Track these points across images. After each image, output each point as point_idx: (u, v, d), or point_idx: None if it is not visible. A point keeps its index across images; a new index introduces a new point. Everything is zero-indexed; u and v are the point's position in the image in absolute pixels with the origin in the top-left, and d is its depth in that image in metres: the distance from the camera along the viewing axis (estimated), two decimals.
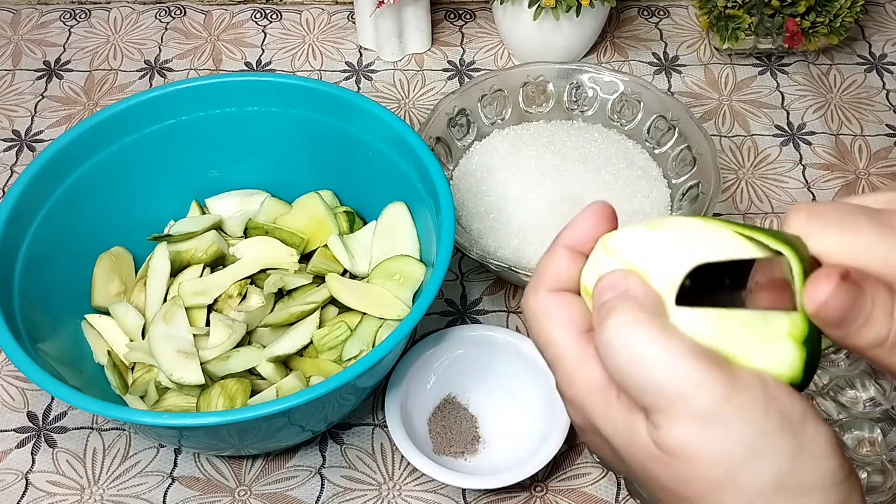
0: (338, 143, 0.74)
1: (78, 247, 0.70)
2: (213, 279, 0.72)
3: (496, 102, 0.85)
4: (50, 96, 0.95)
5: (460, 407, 0.69)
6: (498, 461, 0.66)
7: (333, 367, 0.68)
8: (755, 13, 0.91)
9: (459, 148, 0.83)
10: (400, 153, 0.70)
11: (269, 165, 0.77)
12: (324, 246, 0.74)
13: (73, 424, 0.71)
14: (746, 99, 0.94)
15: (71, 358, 0.67)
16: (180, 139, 0.74)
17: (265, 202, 0.77)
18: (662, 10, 1.03)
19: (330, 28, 1.01)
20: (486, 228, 0.77)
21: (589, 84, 0.85)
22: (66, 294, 0.69)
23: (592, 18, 0.91)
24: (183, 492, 0.67)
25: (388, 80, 0.96)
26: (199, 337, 0.68)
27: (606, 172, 0.80)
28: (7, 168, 0.88)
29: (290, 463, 0.69)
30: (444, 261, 0.62)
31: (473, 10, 1.03)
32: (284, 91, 0.73)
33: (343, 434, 0.70)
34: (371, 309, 0.69)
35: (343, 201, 0.78)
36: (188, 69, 0.97)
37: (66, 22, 1.03)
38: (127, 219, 0.74)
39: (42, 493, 0.67)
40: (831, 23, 0.90)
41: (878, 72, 0.97)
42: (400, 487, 0.67)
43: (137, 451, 0.69)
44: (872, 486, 0.65)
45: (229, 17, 1.03)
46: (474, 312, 0.77)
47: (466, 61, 0.98)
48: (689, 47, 0.99)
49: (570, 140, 0.83)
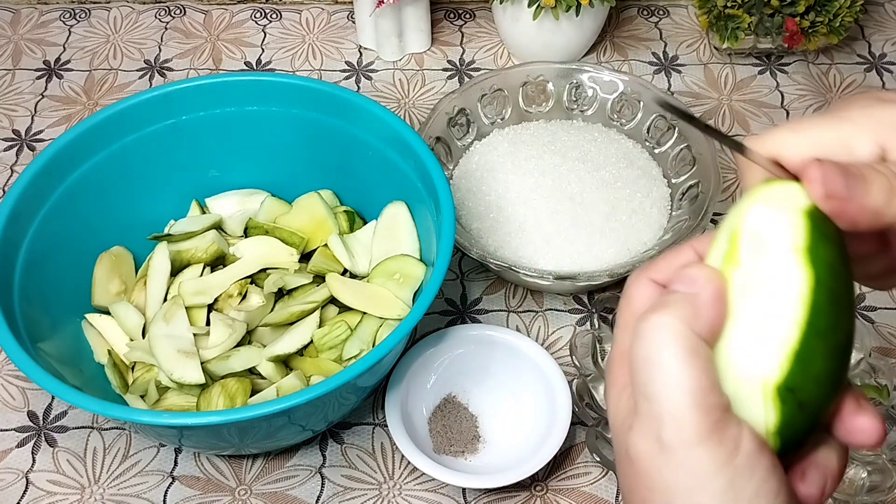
0: (338, 143, 0.74)
1: (78, 246, 0.70)
2: (213, 279, 0.72)
3: (496, 102, 0.85)
4: (50, 96, 0.95)
5: (460, 406, 0.69)
6: (498, 460, 0.66)
7: (333, 366, 0.68)
8: (755, 13, 0.91)
9: (459, 147, 0.83)
10: (400, 153, 0.70)
11: (269, 165, 0.77)
12: (324, 245, 0.74)
13: (73, 424, 0.71)
14: (746, 98, 0.94)
15: (71, 357, 0.67)
16: (180, 139, 0.74)
17: (265, 202, 0.77)
18: (662, 9, 1.04)
19: (330, 28, 1.01)
20: (486, 228, 0.77)
21: (589, 84, 0.85)
22: (67, 293, 0.69)
23: (592, 18, 0.91)
24: (183, 491, 0.67)
25: (387, 79, 0.96)
26: (199, 336, 0.68)
27: (606, 172, 0.80)
28: (7, 168, 0.88)
29: (290, 462, 0.69)
30: (444, 260, 0.62)
31: (473, 10, 1.03)
32: (284, 91, 0.73)
33: (343, 433, 0.70)
34: (371, 308, 0.69)
35: (343, 201, 0.78)
36: (188, 69, 0.97)
37: (65, 21, 1.03)
38: (127, 218, 0.74)
39: (42, 492, 0.67)
40: (831, 22, 0.90)
41: (877, 71, 0.97)
42: (400, 487, 0.67)
43: (138, 451, 0.69)
44: (872, 486, 0.65)
45: (229, 17, 1.03)
46: (474, 312, 0.77)
47: (466, 61, 0.98)
48: (688, 47, 0.99)
49: (569, 140, 0.83)
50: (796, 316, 0.32)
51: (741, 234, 0.34)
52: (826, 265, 0.32)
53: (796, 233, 0.33)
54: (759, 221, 0.34)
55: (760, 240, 0.33)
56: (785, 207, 0.33)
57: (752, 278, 0.33)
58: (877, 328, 0.75)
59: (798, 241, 0.33)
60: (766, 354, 0.33)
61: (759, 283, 0.33)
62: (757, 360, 0.33)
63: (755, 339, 0.33)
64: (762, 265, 0.33)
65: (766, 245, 0.33)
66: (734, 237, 0.34)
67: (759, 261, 0.33)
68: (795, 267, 0.32)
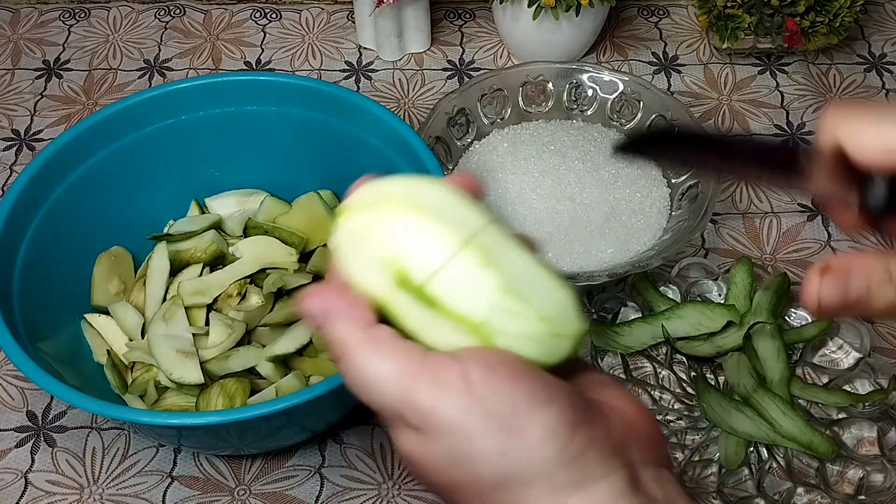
0: (338, 143, 0.74)
1: (77, 246, 0.70)
2: (212, 278, 0.72)
3: (496, 102, 0.85)
4: (49, 95, 0.95)
5: None
6: None
7: (333, 366, 0.68)
8: (755, 13, 0.91)
9: (459, 147, 0.83)
10: (400, 153, 0.70)
11: (268, 165, 0.77)
12: (323, 245, 0.74)
13: (72, 424, 0.71)
14: (746, 98, 0.94)
15: (70, 357, 0.67)
16: (180, 139, 0.74)
17: (265, 201, 0.77)
18: (662, 9, 1.03)
19: (329, 27, 1.01)
20: None
21: (588, 83, 0.85)
22: (66, 293, 0.69)
23: (592, 18, 0.91)
24: (182, 491, 0.67)
25: (387, 79, 0.96)
26: (198, 336, 0.68)
27: (606, 172, 0.80)
28: (6, 167, 0.88)
29: (289, 462, 0.69)
30: None
31: (473, 10, 1.03)
32: (284, 90, 0.73)
33: (342, 433, 0.70)
34: None
35: (343, 201, 0.78)
36: (188, 68, 0.97)
37: (65, 21, 1.03)
38: (126, 218, 0.74)
39: (41, 492, 0.67)
40: (831, 22, 0.90)
41: (877, 71, 0.97)
42: (399, 487, 0.67)
43: (137, 451, 0.69)
44: (872, 486, 0.65)
45: (229, 17, 1.02)
46: None
47: (466, 61, 0.98)
48: (688, 47, 0.99)
49: (569, 139, 0.83)
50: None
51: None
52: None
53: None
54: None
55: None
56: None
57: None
58: (876, 328, 0.75)
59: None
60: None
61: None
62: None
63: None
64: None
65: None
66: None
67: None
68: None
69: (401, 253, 0.36)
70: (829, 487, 0.64)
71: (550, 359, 0.36)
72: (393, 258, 0.36)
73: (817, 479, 0.65)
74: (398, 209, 0.36)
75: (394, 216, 0.36)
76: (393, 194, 0.37)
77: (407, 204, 0.36)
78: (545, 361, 0.36)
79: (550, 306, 0.36)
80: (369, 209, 0.37)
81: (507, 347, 0.35)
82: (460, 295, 0.35)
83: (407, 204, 0.36)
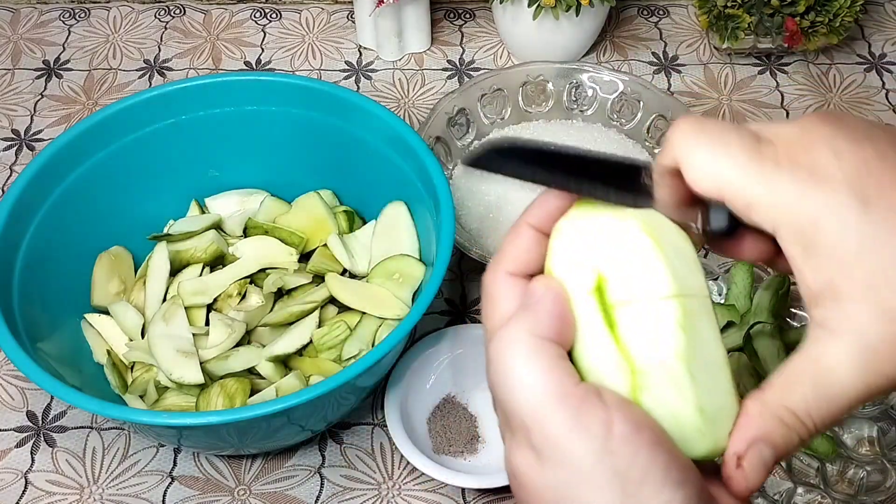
0: (338, 143, 0.74)
1: (77, 246, 0.70)
2: (212, 278, 0.72)
3: (496, 102, 0.85)
4: (49, 95, 0.95)
5: (460, 406, 0.69)
6: (497, 460, 0.66)
7: (333, 366, 0.68)
8: (755, 12, 0.90)
9: (459, 147, 0.83)
10: (400, 153, 0.70)
11: (268, 165, 0.77)
12: (323, 245, 0.74)
13: (72, 424, 0.71)
14: (746, 98, 0.94)
15: (70, 357, 0.67)
16: (180, 139, 0.74)
17: (265, 201, 0.77)
18: (662, 9, 1.03)
19: (329, 27, 1.01)
20: (485, 228, 0.77)
21: (588, 83, 0.85)
22: (66, 293, 0.69)
23: (592, 18, 0.91)
24: (182, 491, 0.67)
25: (387, 79, 0.96)
26: (198, 336, 0.68)
27: None
28: (6, 167, 0.88)
29: (289, 462, 0.69)
30: (443, 260, 0.62)
31: (473, 10, 1.03)
32: (284, 90, 0.73)
33: (342, 433, 0.70)
34: (370, 308, 0.69)
35: (343, 201, 0.78)
36: (188, 68, 0.97)
37: (65, 21, 1.03)
38: (126, 218, 0.74)
39: (41, 492, 0.67)
40: (831, 22, 0.90)
41: (877, 71, 0.97)
42: (399, 487, 0.67)
43: (137, 451, 0.69)
44: (872, 486, 0.65)
45: (229, 17, 1.02)
46: (474, 312, 0.77)
47: (466, 61, 0.98)
48: (688, 47, 0.99)
49: (569, 140, 0.83)
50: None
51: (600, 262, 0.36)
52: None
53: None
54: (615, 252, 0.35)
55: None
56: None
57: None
58: None
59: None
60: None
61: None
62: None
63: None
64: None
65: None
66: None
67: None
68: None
69: (618, 266, 0.35)
70: (829, 487, 0.64)
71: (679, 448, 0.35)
72: (607, 266, 0.35)
73: (817, 479, 0.65)
74: (644, 231, 0.35)
75: (636, 234, 0.35)
76: (648, 218, 0.36)
77: (652, 233, 0.35)
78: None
79: (714, 403, 0.35)
80: (622, 217, 0.36)
81: (648, 410, 0.34)
82: (641, 334, 0.34)
83: (652, 233, 0.35)
